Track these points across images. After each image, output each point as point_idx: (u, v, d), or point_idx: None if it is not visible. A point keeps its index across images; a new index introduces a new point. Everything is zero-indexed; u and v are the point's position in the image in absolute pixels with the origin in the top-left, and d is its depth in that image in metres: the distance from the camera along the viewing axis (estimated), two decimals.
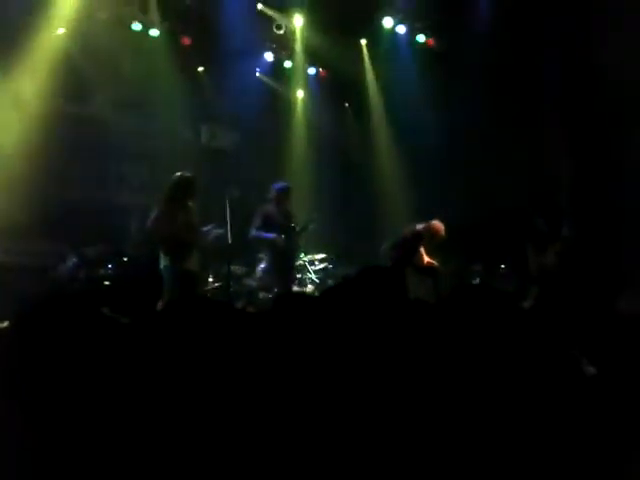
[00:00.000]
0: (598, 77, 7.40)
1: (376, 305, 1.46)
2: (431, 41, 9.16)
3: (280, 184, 7.15)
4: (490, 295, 1.59)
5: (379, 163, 9.82)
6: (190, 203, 6.16)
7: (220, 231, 6.98)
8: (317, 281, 8.24)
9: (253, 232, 6.87)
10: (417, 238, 6.87)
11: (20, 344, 1.30)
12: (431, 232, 6.85)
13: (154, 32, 8.75)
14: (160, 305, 5.97)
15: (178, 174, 6.16)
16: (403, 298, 1.50)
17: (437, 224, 6.86)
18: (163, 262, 6.02)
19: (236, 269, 7.66)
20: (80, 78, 8.56)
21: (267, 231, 6.84)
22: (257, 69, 9.96)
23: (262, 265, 7.37)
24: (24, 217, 7.39)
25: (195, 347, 1.35)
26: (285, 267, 6.99)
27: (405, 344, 1.46)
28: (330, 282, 8.34)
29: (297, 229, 7.06)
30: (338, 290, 1.51)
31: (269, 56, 9.73)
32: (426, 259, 6.98)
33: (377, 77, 9.74)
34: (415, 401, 1.42)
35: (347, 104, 10.62)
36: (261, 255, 7.45)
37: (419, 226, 6.93)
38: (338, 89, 10.03)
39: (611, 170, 7.54)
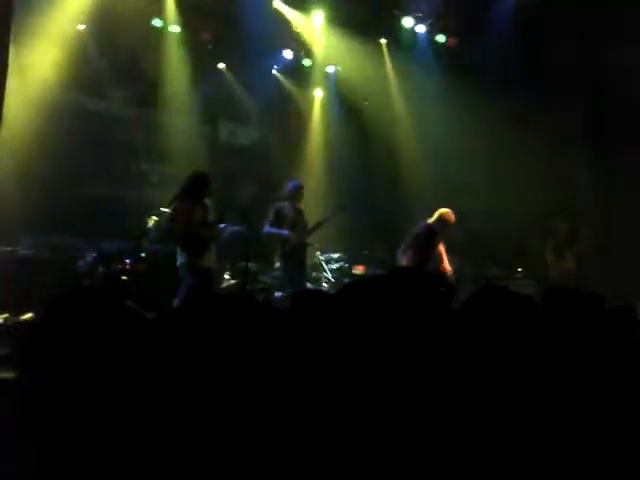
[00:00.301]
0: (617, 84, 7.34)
1: (401, 306, 1.45)
2: (451, 41, 9.13)
3: (294, 182, 7.15)
4: (512, 299, 1.59)
5: (398, 163, 9.79)
6: (206, 200, 6.18)
7: (237, 228, 7.02)
8: (333, 280, 8.24)
9: (266, 228, 6.87)
10: (430, 234, 6.68)
11: (46, 336, 1.32)
12: (442, 223, 6.66)
13: (174, 28, 8.80)
14: (176, 302, 6.03)
15: (193, 171, 6.20)
16: (436, 301, 1.49)
17: (446, 213, 6.67)
18: (180, 259, 6.06)
19: (252, 266, 7.69)
20: (100, 74, 8.63)
21: (279, 228, 6.84)
22: (274, 66, 9.96)
23: (277, 263, 7.39)
24: (44, 212, 7.49)
25: (214, 344, 1.36)
26: (297, 265, 6.97)
27: (426, 346, 1.46)
28: (346, 281, 8.35)
29: (308, 227, 7.05)
30: (361, 287, 1.50)
31: (288, 54, 9.74)
32: (445, 261, 6.89)
33: (397, 76, 9.71)
34: (435, 403, 1.42)
35: (366, 102, 10.59)
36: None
37: (429, 220, 6.77)
38: (357, 88, 10.00)
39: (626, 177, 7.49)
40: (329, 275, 8.27)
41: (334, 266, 8.46)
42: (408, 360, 1.44)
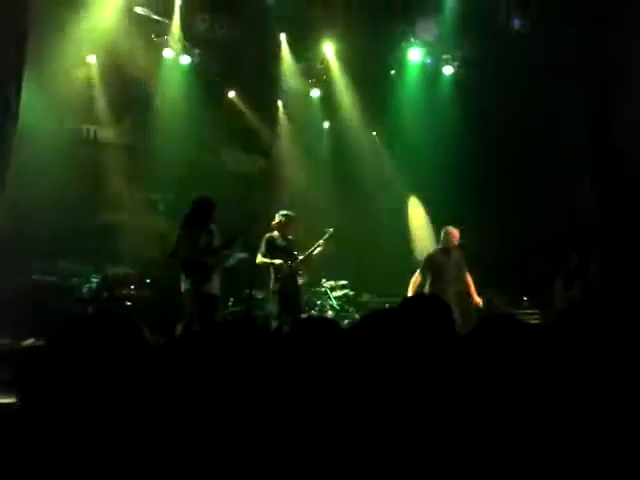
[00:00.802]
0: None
1: (412, 337, 1.45)
2: (458, 72, 9.24)
3: (284, 212, 7.19)
4: (515, 327, 1.58)
5: (408, 194, 9.83)
6: (212, 226, 6.19)
7: (242, 255, 7.02)
8: (337, 307, 8.21)
9: (259, 257, 6.90)
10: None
11: (55, 362, 1.32)
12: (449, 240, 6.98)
13: (185, 59, 8.95)
14: (179, 328, 6.00)
15: (198, 198, 6.21)
16: (447, 330, 1.49)
17: (450, 231, 6.97)
18: (184, 285, 6.04)
19: (257, 293, 7.67)
20: (110, 104, 8.76)
21: (272, 257, 6.87)
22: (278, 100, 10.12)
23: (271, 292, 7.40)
24: (50, 238, 7.53)
25: (217, 370, 1.36)
26: (290, 294, 6.97)
27: (429, 375, 1.45)
28: (351, 309, 8.32)
29: (299, 257, 7.07)
30: (378, 318, 1.50)
31: (295, 84, 9.86)
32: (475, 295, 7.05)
33: (405, 106, 9.79)
34: (439, 431, 1.41)
35: (374, 133, 10.68)
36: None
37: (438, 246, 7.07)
38: (365, 117, 10.08)
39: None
40: (334, 302, 8.25)
41: (339, 293, 8.44)
42: (411, 387, 1.43)
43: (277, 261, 6.83)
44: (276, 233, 6.98)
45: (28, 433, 1.29)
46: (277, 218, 7.04)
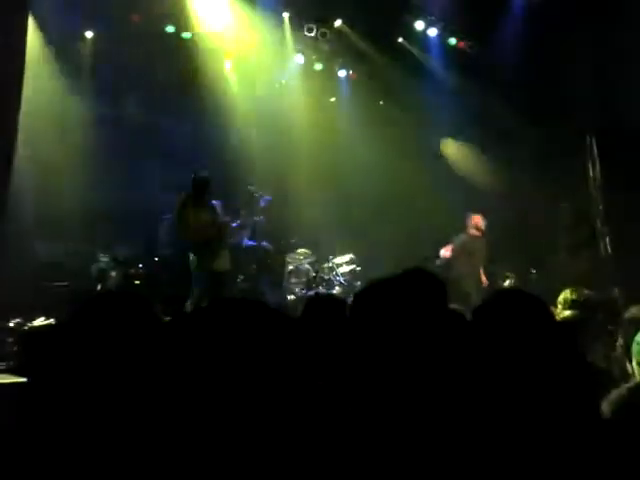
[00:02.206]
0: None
1: (411, 309, 1.45)
2: (462, 44, 9.11)
3: (267, 197, 7.34)
4: (525, 301, 1.57)
5: (415, 168, 9.76)
6: (214, 201, 6.17)
7: (244, 233, 7.06)
8: (345, 283, 8.24)
9: (245, 241, 6.99)
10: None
11: (73, 341, 1.33)
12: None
13: (186, 34, 8.85)
14: (188, 306, 6.04)
15: (195, 175, 6.18)
16: (442, 305, 1.49)
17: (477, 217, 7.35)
18: (193, 263, 6.06)
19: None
20: (113, 80, 8.69)
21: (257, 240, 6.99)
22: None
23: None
24: (57, 217, 7.54)
25: (226, 346, 1.36)
26: (275, 274, 7.14)
27: (438, 352, 1.45)
28: (358, 284, 8.34)
29: (282, 241, 7.21)
30: (373, 291, 1.50)
31: (299, 58, 9.75)
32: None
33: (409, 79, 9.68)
34: (446, 408, 1.41)
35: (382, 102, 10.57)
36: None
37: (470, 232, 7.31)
38: (370, 91, 9.97)
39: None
40: (341, 278, 8.27)
41: (346, 269, 8.46)
42: (419, 364, 1.44)
43: (263, 244, 6.99)
44: (261, 217, 7.19)
45: (40, 412, 1.31)
46: (261, 202, 7.18)
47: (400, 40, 9.21)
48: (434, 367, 1.44)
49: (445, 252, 7.35)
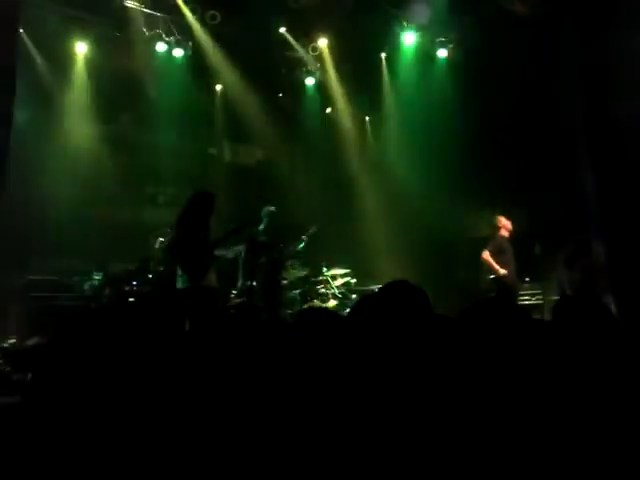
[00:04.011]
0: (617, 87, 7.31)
1: (398, 320, 1.46)
2: (450, 54, 9.19)
3: (268, 207, 7.40)
4: (507, 310, 1.58)
5: (406, 178, 9.80)
6: (208, 221, 6.16)
7: (238, 248, 7.04)
8: (339, 296, 8.23)
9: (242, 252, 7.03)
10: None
11: (62, 358, 1.33)
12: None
13: (178, 52, 8.91)
14: (187, 325, 5.96)
15: (196, 192, 6.16)
16: (427, 313, 1.50)
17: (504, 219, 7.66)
18: (180, 281, 5.98)
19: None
20: (106, 98, 8.72)
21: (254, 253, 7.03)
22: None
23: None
24: (50, 235, 7.53)
25: (227, 362, 1.37)
26: (271, 287, 7.15)
27: (424, 359, 1.46)
28: (353, 297, 8.34)
29: (284, 251, 7.26)
30: (361, 305, 1.51)
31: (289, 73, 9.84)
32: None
33: (398, 91, 9.76)
34: (435, 414, 1.42)
35: (367, 118, 10.68)
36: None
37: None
38: (359, 104, 10.06)
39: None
40: (335, 291, 8.27)
41: (340, 282, 8.46)
42: (408, 371, 1.45)
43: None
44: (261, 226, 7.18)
45: (40, 429, 1.30)
46: (263, 212, 7.20)
47: None
48: (425, 369, 1.45)
49: (487, 257, 7.60)
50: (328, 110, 10.47)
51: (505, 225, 7.69)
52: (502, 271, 7.53)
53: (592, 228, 8.18)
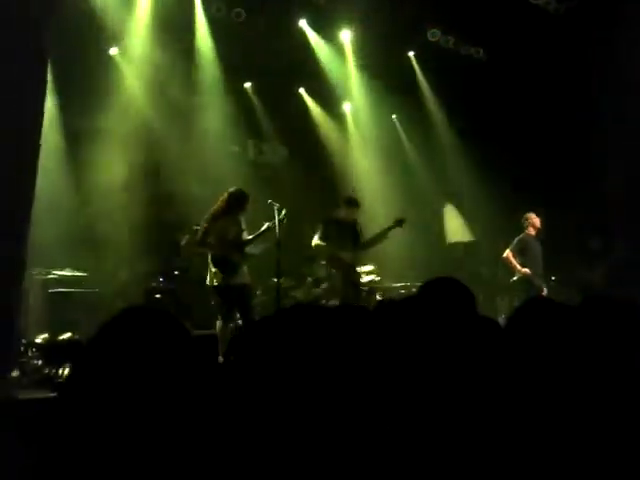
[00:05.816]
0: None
1: (442, 319, 1.44)
2: (477, 52, 9.10)
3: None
4: (556, 310, 1.56)
5: (436, 175, 9.73)
6: (241, 218, 6.21)
7: (268, 244, 7.03)
8: (364, 294, 8.18)
9: (316, 241, 6.76)
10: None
11: (101, 357, 1.32)
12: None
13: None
14: (218, 325, 5.94)
15: (232, 189, 6.21)
16: (472, 313, 1.48)
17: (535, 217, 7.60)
18: (213, 279, 5.99)
19: (284, 282, 7.68)
20: (128, 95, 8.77)
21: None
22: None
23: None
24: (76, 232, 7.58)
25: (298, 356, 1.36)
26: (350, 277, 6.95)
27: (469, 361, 1.44)
28: (377, 295, 8.29)
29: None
30: (408, 303, 1.50)
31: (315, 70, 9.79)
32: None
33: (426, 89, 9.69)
34: (476, 416, 1.40)
35: (394, 115, 10.61)
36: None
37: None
38: (386, 101, 9.99)
39: None
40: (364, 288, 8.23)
41: (365, 280, 8.41)
42: (448, 373, 1.43)
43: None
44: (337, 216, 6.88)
45: (67, 427, 1.30)
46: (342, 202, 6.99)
47: None
48: (463, 371, 1.43)
49: (507, 257, 7.55)
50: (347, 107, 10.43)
51: (534, 223, 7.57)
52: (524, 270, 7.38)
53: (613, 228, 8.10)
